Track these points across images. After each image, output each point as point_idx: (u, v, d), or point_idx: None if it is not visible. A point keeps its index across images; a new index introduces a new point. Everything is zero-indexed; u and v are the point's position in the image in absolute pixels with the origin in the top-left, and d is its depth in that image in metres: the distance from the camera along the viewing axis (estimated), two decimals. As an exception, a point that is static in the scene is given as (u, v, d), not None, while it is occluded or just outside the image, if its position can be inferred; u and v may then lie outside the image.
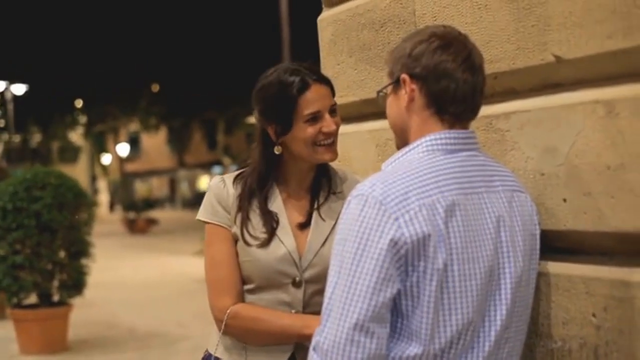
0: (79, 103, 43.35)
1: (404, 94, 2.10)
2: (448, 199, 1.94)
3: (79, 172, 59.20)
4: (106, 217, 45.39)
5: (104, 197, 56.50)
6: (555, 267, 2.21)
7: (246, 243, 2.57)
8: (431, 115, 2.07)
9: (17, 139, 44.13)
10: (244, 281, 2.61)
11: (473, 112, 2.12)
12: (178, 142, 48.01)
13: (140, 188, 64.90)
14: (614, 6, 1.99)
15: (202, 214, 2.67)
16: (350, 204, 1.96)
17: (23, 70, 36.32)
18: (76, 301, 9.55)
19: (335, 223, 2.57)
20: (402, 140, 2.16)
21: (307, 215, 2.63)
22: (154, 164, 62.62)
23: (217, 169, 51.60)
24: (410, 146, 2.08)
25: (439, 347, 1.92)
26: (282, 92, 2.54)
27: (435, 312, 1.91)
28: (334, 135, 2.57)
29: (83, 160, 57.53)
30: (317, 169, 2.67)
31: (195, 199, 53.62)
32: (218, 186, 2.67)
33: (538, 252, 2.15)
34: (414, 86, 2.07)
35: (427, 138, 2.05)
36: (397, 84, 2.12)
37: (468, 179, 2.01)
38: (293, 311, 2.56)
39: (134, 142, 59.18)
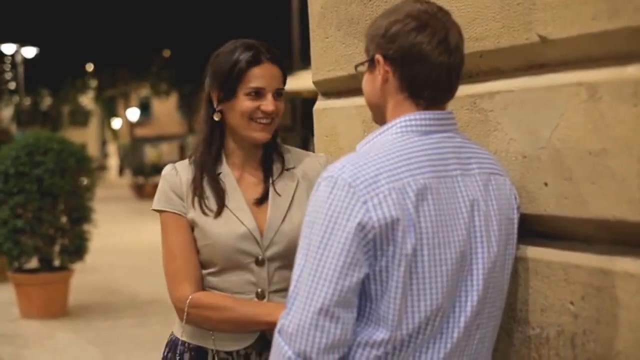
0: (90, 67, 43.26)
1: (377, 74, 2.04)
2: (420, 182, 1.89)
3: (89, 135, 59.41)
4: (115, 181, 45.58)
5: (113, 162, 56.68)
6: (535, 252, 2.16)
7: (204, 213, 2.57)
8: (405, 99, 2.02)
9: (27, 102, 44.12)
10: (206, 265, 2.60)
11: (449, 94, 2.06)
12: (188, 108, 47.93)
13: (150, 153, 64.97)
14: (599, -14, 1.92)
15: (156, 203, 2.66)
16: (320, 186, 1.92)
17: (34, 33, 36.23)
18: (78, 266, 9.58)
19: (293, 199, 2.60)
20: (379, 117, 2.11)
21: (262, 191, 2.64)
22: (164, 130, 62.57)
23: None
24: (384, 127, 2.03)
25: (407, 333, 1.89)
26: (233, 62, 2.58)
27: (404, 298, 1.87)
28: (271, 116, 2.60)
29: (94, 124, 57.65)
30: (266, 147, 2.68)
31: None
32: (170, 174, 2.67)
33: (515, 236, 2.10)
34: (387, 68, 2.02)
35: (401, 119, 2.00)
36: (372, 63, 2.06)
37: (442, 161, 1.96)
38: (259, 290, 2.55)
39: (144, 107, 58.98)
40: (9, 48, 35.28)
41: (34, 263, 9.39)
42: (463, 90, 2.35)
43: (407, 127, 1.99)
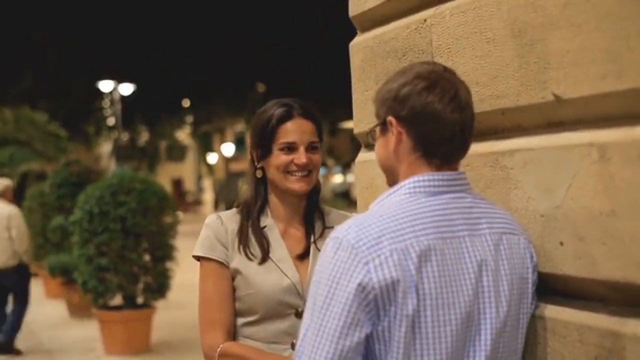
0: (186, 103, 44.16)
1: (391, 136, 2.07)
2: (423, 244, 1.91)
3: (186, 170, 60.46)
4: (210, 215, 45.98)
5: (208, 196, 57.44)
6: (553, 312, 2.14)
7: (249, 259, 2.65)
8: (418, 158, 2.04)
9: (125, 137, 45.23)
10: (244, 314, 2.67)
11: (462, 151, 2.08)
12: (282, 143, 48.28)
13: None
14: (607, 46, 1.92)
15: (198, 250, 2.74)
16: (327, 246, 1.96)
17: (130, 70, 37.19)
18: (160, 303, 9.75)
19: None
20: (392, 180, 2.13)
21: (305, 247, 2.72)
22: (259, 164, 63.20)
23: (321, 170, 51.79)
24: (395, 188, 2.06)
25: None
26: (267, 120, 2.71)
27: (407, 358, 1.89)
28: (306, 168, 2.70)
29: (190, 158, 58.60)
30: (308, 203, 2.78)
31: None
32: (215, 223, 2.76)
33: (530, 296, 2.10)
34: (401, 129, 2.04)
35: (411, 180, 2.02)
36: (384, 126, 2.09)
37: (448, 222, 1.97)
38: (295, 340, 2.58)
39: (239, 141, 59.83)
40: (106, 85, 36.25)
41: (117, 300, 9.59)
42: (486, 147, 2.38)
43: (415, 188, 2.01)
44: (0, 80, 36.55)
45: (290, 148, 2.69)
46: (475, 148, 2.42)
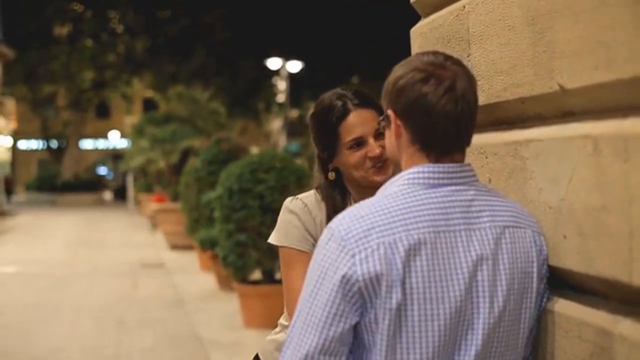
0: (355, 79, 44.40)
1: (392, 129, 2.08)
2: (413, 237, 1.91)
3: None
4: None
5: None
6: (559, 306, 2.11)
7: None
8: (417, 151, 2.04)
9: (294, 114, 45.98)
10: None
11: (460, 143, 2.05)
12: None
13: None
14: (599, 35, 1.86)
15: (284, 239, 2.70)
16: (323, 234, 2.00)
17: (298, 47, 37.77)
18: (300, 279, 9.93)
19: None
20: (397, 170, 2.14)
21: None
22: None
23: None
24: (394, 178, 2.06)
25: None
26: (324, 124, 2.63)
27: (391, 351, 1.91)
28: (382, 157, 2.59)
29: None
30: None
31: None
32: (303, 211, 2.70)
33: (534, 290, 2.06)
34: (399, 122, 2.05)
35: (409, 172, 2.03)
36: (387, 118, 2.10)
37: (445, 215, 1.97)
38: None
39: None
40: (275, 63, 36.98)
41: (257, 275, 9.84)
42: (510, 136, 2.35)
43: (413, 180, 2.01)
44: (173, 59, 37.98)
45: (359, 143, 2.62)
46: (502, 137, 2.40)
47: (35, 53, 41.36)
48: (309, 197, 2.74)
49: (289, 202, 2.76)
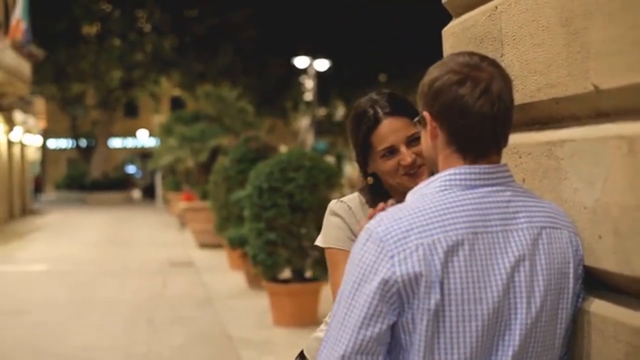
0: (383, 77, 44.40)
1: (429, 130, 2.09)
2: (451, 238, 1.92)
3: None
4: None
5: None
6: (596, 306, 2.11)
7: None
8: (453, 152, 2.05)
9: (322, 112, 46.06)
10: None
11: (497, 144, 2.06)
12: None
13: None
14: (633, 37, 1.86)
15: (329, 241, 2.73)
16: (360, 236, 2.01)
17: (325, 46, 37.79)
18: (329, 277, 9.94)
19: None
20: (435, 172, 2.15)
21: None
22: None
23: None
24: (430, 180, 2.08)
25: None
26: (357, 134, 2.65)
27: (429, 351, 1.92)
28: (414, 166, 2.61)
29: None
30: None
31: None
32: (348, 213, 2.72)
33: (570, 290, 2.07)
34: (434, 124, 2.06)
35: (445, 173, 2.04)
36: (423, 119, 2.11)
37: (482, 216, 1.97)
38: None
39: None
40: (302, 61, 37.03)
41: (287, 273, 9.87)
42: (543, 136, 2.35)
43: (450, 181, 2.02)
44: (201, 58, 38.10)
45: (391, 151, 2.62)
46: (536, 137, 2.41)
47: (64, 53, 41.69)
48: (353, 200, 2.76)
49: (333, 205, 2.79)
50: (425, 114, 2.08)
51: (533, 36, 2.36)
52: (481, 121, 2.00)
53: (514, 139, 2.47)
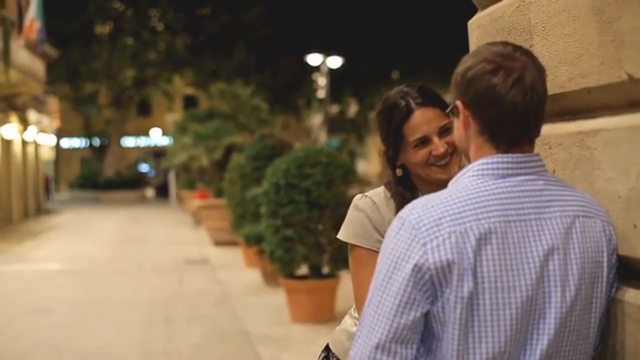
0: (395, 75, 44.32)
1: (460, 119, 2.09)
2: (484, 227, 1.92)
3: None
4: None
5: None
6: (629, 295, 2.10)
7: None
8: (485, 141, 2.05)
9: (335, 109, 46.02)
10: None
11: (529, 134, 2.06)
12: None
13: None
14: (670, 25, 1.86)
15: (353, 237, 2.71)
16: (392, 224, 2.01)
17: (338, 43, 37.76)
18: (346, 273, 9.96)
19: None
20: (468, 161, 2.15)
21: None
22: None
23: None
24: (464, 170, 2.08)
25: None
26: (388, 122, 2.65)
27: (463, 339, 1.92)
28: (445, 156, 2.62)
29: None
30: None
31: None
32: (372, 209, 2.71)
33: (604, 279, 2.06)
34: (467, 113, 2.06)
35: (478, 162, 2.04)
36: (455, 109, 2.11)
37: (515, 205, 1.97)
38: None
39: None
40: (315, 59, 37.01)
41: (304, 270, 9.87)
42: (575, 126, 2.35)
43: (482, 171, 2.02)
44: (214, 56, 38.15)
45: (423, 142, 2.63)
46: (567, 127, 2.40)
47: (77, 52, 41.83)
48: (378, 195, 2.76)
49: (357, 200, 2.78)
50: (458, 103, 2.08)
51: (564, 26, 2.36)
52: (513, 111, 2.00)
53: (544, 129, 2.45)
